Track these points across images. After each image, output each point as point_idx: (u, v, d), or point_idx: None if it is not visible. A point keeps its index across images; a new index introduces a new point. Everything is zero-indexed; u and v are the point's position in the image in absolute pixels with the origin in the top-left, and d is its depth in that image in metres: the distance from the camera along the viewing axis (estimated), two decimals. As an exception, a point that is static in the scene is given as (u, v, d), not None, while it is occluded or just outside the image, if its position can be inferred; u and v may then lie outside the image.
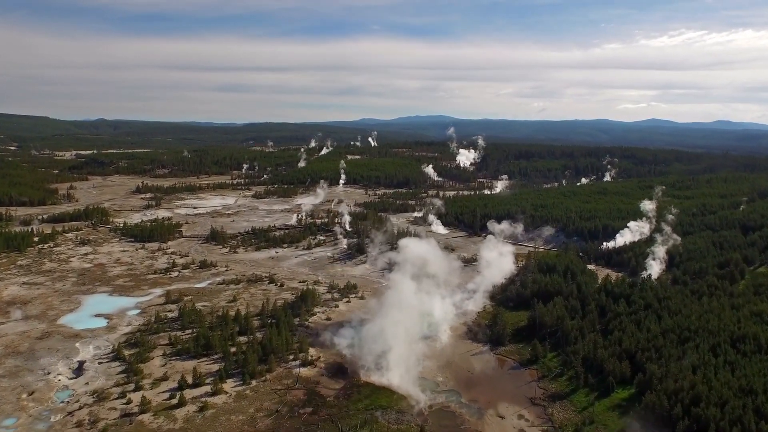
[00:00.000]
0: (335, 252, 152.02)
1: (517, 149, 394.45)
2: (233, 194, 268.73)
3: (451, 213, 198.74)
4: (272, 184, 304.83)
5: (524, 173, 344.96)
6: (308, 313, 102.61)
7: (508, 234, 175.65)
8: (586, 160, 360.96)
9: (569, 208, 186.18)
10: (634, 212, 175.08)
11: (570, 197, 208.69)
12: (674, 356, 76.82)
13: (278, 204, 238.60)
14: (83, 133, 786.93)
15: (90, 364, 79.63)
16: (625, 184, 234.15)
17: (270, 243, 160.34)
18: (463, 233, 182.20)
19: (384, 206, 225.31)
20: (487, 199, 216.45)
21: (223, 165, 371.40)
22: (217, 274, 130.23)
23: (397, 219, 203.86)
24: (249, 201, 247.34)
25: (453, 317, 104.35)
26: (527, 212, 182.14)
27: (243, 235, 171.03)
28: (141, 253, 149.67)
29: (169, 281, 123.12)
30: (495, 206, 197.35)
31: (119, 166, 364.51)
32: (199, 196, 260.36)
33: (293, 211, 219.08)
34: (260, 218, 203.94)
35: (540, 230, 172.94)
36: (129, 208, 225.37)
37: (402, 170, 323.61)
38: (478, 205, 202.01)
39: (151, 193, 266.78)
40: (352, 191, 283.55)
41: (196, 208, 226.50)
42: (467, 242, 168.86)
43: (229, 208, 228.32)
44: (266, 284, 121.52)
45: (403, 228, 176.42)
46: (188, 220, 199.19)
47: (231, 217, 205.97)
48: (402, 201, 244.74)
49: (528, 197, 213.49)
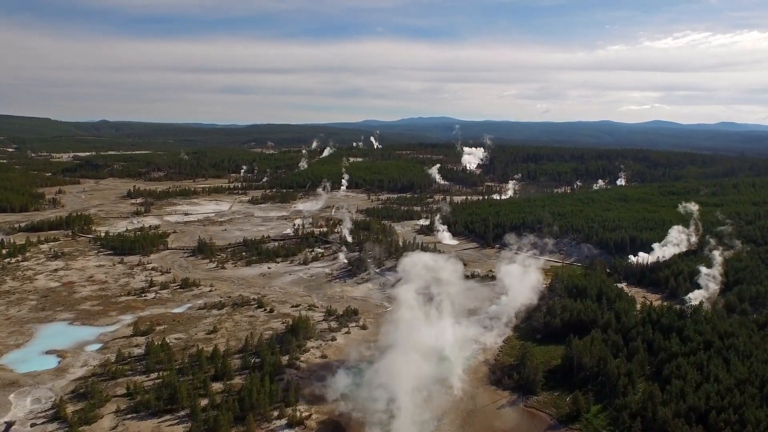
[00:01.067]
0: (334, 268, 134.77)
1: (525, 151, 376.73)
2: (229, 199, 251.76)
3: (461, 221, 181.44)
4: (271, 188, 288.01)
5: (533, 176, 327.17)
6: (300, 349, 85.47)
7: (524, 246, 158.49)
8: (597, 162, 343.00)
9: (590, 217, 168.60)
10: (661, 222, 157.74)
11: (588, 204, 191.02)
12: (763, 422, 59.41)
13: (275, 210, 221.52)
14: (84, 134, 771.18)
15: (20, 428, 62.50)
16: (645, 190, 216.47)
17: (262, 256, 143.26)
18: (474, 245, 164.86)
19: (388, 213, 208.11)
20: (498, 206, 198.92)
21: (221, 168, 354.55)
22: (200, 295, 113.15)
23: (401, 228, 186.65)
24: (245, 207, 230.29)
25: (471, 353, 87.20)
26: (545, 222, 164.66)
27: (234, 247, 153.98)
28: (118, 268, 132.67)
29: (143, 305, 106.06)
30: (508, 215, 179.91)
31: (114, 168, 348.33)
32: (192, 202, 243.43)
33: (291, 219, 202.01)
34: (255, 227, 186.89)
35: (560, 242, 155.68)
36: (116, 215, 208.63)
37: (406, 173, 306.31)
38: (490, 213, 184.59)
39: (142, 197, 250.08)
40: (354, 196, 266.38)
41: (188, 214, 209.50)
42: (480, 255, 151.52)
43: (223, 215, 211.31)
44: (254, 309, 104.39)
45: (409, 239, 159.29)
46: (177, 228, 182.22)
47: (223, 226, 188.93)
48: (407, 207, 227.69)
49: (542, 203, 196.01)
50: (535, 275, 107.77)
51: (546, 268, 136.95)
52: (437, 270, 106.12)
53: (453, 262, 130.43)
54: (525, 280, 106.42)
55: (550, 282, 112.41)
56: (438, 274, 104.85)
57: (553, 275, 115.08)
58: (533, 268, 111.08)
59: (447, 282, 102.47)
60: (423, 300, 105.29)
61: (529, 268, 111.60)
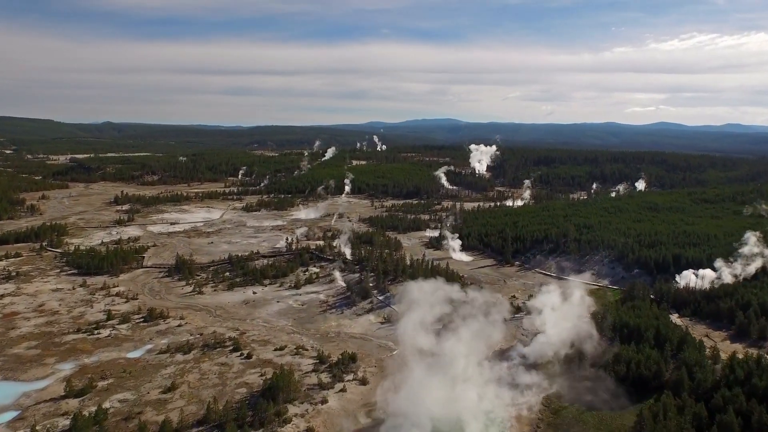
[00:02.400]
0: (330, 293, 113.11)
1: (536, 154, 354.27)
2: (222, 206, 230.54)
3: (474, 233, 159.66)
4: (268, 193, 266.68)
5: (545, 180, 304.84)
6: (279, 419, 63.98)
7: (548, 265, 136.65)
8: (612, 166, 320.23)
9: (621, 230, 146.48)
10: (705, 237, 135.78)
11: (615, 214, 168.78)
12: None
13: (270, 219, 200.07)
14: (85, 136, 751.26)
15: None
16: (674, 198, 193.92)
17: (248, 278, 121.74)
18: (490, 261, 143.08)
19: (392, 223, 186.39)
20: (515, 216, 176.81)
21: (218, 171, 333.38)
22: (165, 331, 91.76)
23: (408, 240, 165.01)
24: (237, 215, 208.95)
25: (504, 424, 65.61)
26: (570, 236, 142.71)
27: (217, 266, 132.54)
28: (77, 293, 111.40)
29: (92, 347, 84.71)
30: (528, 226, 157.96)
31: (106, 172, 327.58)
32: (182, 209, 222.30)
33: (287, 229, 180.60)
34: (245, 239, 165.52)
35: (590, 260, 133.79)
36: (97, 224, 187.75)
37: (412, 178, 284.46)
38: (507, 224, 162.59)
39: (130, 204, 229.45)
40: (356, 202, 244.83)
41: (174, 224, 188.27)
42: (498, 275, 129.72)
43: (213, 224, 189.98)
44: (228, 353, 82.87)
45: (417, 254, 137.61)
46: (158, 241, 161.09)
47: (210, 238, 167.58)
48: (413, 215, 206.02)
49: (563, 213, 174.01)
50: (580, 308, 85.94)
51: (573, 289, 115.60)
52: (450, 302, 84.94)
53: (466, 282, 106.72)
54: (566, 314, 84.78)
55: (593, 315, 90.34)
56: (454, 311, 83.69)
57: (597, 308, 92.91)
58: (574, 296, 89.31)
59: (467, 320, 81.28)
60: (435, 340, 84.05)
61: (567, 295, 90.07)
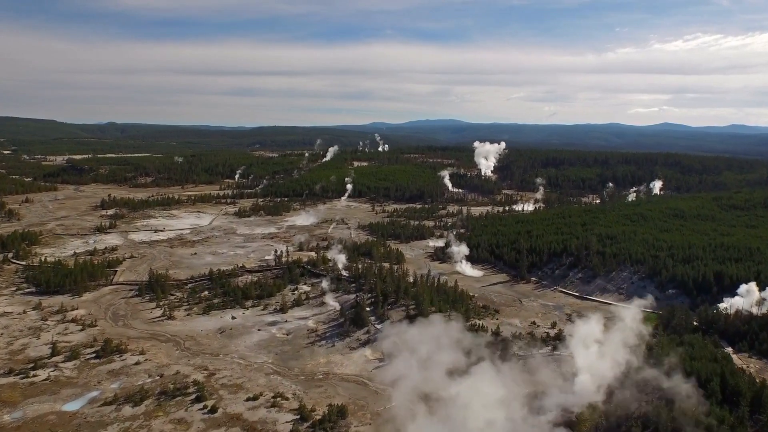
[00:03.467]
0: (321, 319, 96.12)
1: (544, 155, 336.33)
2: (214, 210, 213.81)
3: (484, 244, 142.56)
4: (264, 196, 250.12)
5: (554, 183, 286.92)
6: None
7: (569, 282, 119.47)
8: (624, 167, 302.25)
9: (648, 242, 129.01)
10: (747, 251, 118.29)
11: (639, 222, 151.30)
12: None
13: (262, 226, 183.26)
14: (86, 136, 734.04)
15: None
16: (698, 203, 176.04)
17: (228, 298, 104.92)
18: (503, 276, 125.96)
19: (394, 230, 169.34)
20: (528, 224, 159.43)
21: (215, 172, 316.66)
22: (119, 372, 75.05)
23: (411, 251, 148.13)
24: (228, 221, 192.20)
25: None
26: (592, 248, 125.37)
27: (196, 282, 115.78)
28: (28, 318, 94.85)
29: (20, 396, 68.06)
30: (543, 236, 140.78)
31: (99, 173, 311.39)
32: (171, 213, 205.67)
33: (279, 238, 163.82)
34: (232, 249, 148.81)
35: (617, 276, 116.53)
36: (75, 231, 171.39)
37: (415, 180, 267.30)
38: (520, 233, 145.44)
39: (117, 208, 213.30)
40: (356, 206, 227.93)
41: (158, 231, 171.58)
42: (513, 294, 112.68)
43: (200, 231, 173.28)
44: (188, 405, 66.08)
45: (421, 267, 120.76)
46: (137, 251, 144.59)
47: (195, 247, 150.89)
48: (417, 221, 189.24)
49: (580, 220, 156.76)
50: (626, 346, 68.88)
51: (605, 315, 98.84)
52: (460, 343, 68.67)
53: (478, 303, 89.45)
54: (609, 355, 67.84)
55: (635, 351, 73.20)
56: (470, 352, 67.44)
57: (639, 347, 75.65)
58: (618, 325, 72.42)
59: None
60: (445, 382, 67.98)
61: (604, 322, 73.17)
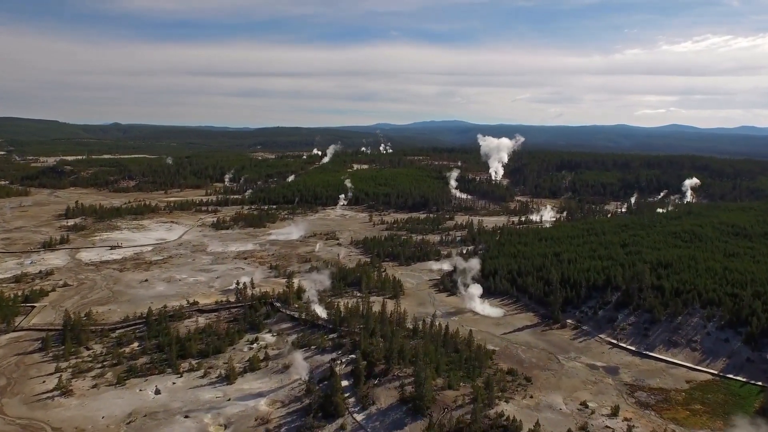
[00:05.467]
0: (279, 396, 65.86)
1: (558, 158, 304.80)
2: (190, 220, 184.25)
3: (502, 269, 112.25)
4: (252, 203, 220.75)
5: (572, 188, 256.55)
6: None
7: (621, 330, 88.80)
8: (648, 172, 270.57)
9: (717, 272, 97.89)
10: None
11: (693, 243, 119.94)
12: None
13: (240, 241, 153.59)
14: (86, 137, 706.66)
15: None
16: (758, 216, 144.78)
17: (161, 356, 75.19)
18: (529, 317, 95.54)
19: (393, 248, 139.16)
20: (555, 242, 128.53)
21: (204, 175, 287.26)
22: None
23: (412, 277, 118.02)
24: (202, 234, 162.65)
25: None
26: (646, 280, 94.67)
27: (127, 327, 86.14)
28: None
29: None
30: (577, 260, 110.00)
31: (79, 176, 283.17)
32: (140, 224, 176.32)
33: (255, 257, 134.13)
34: (194, 273, 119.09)
35: (685, 323, 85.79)
36: (20, 247, 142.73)
37: (419, 185, 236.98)
38: (548, 256, 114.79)
39: (83, 217, 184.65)
40: (352, 216, 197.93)
41: (115, 248, 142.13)
42: (546, 345, 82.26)
43: (165, 248, 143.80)
44: None
45: (423, 303, 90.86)
46: (78, 276, 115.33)
47: (150, 271, 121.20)
48: (420, 235, 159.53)
49: (619, 240, 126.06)
50: None
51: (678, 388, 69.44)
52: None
53: (499, 360, 61.44)
54: None
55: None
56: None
57: None
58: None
59: None
60: None
61: None
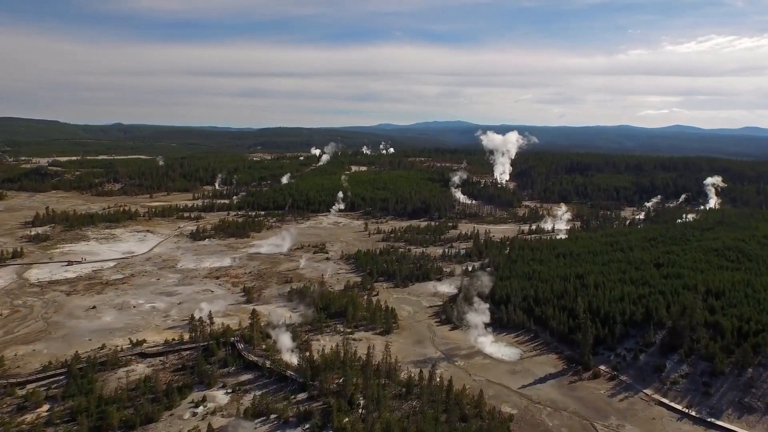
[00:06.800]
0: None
1: (568, 159, 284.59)
2: (168, 229, 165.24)
3: (516, 296, 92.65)
4: (240, 208, 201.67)
5: (582, 193, 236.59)
6: None
7: (672, 384, 69.06)
8: (664, 175, 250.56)
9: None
10: None
11: (742, 264, 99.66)
12: None
13: (216, 254, 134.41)
14: (86, 137, 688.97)
15: None
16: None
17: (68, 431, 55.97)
18: (552, 360, 76.02)
19: (388, 265, 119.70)
20: (576, 260, 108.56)
21: (194, 178, 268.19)
22: None
23: (409, 303, 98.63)
24: (176, 246, 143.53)
25: None
26: (697, 317, 74.97)
27: (40, 381, 67.03)
28: None
29: None
30: (606, 285, 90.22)
31: (63, 179, 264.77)
32: (112, 233, 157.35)
33: (227, 277, 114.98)
34: (153, 297, 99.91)
35: (757, 377, 66.21)
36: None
37: (420, 189, 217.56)
38: (569, 279, 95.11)
39: (52, 224, 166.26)
40: (346, 224, 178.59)
41: (71, 264, 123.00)
42: (578, 407, 62.76)
43: (129, 264, 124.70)
44: None
45: (421, 339, 71.71)
46: (15, 301, 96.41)
47: (103, 293, 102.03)
48: (420, 247, 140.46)
49: (647, 255, 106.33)
50: None
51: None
52: None
53: None
54: None
55: None
56: None
57: None
58: None
59: None
60: None
61: None
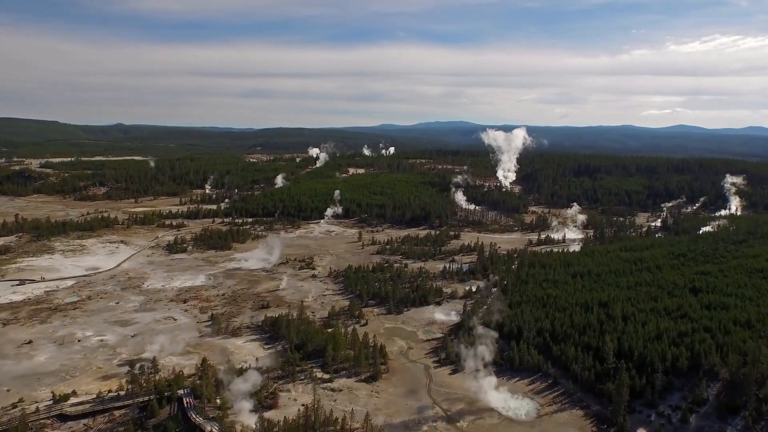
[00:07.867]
0: None
1: (575, 161, 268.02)
2: (145, 239, 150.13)
3: (529, 329, 77.16)
4: (226, 215, 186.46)
5: (592, 197, 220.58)
6: None
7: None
8: (678, 177, 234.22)
9: None
10: None
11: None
12: None
13: (191, 270, 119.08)
14: (85, 138, 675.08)
15: None
16: None
17: None
18: (576, 417, 60.43)
19: (381, 286, 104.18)
20: (595, 281, 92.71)
21: (184, 181, 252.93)
22: None
23: (403, 335, 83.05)
24: (149, 260, 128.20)
25: None
26: (763, 365, 59.29)
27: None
28: None
29: None
30: (636, 317, 74.47)
31: (46, 182, 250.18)
32: (82, 245, 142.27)
33: (197, 300, 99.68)
34: (102, 329, 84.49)
35: None
36: None
37: (419, 194, 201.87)
38: (590, 307, 79.40)
39: (21, 233, 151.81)
40: (339, 232, 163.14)
41: (25, 282, 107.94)
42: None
43: (91, 282, 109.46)
44: None
45: (416, 388, 56.37)
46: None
47: (47, 323, 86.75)
48: (418, 261, 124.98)
49: (679, 276, 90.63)
50: None
51: None
52: None
53: None
54: None
55: None
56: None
57: None
58: None
59: None
60: None
61: None
